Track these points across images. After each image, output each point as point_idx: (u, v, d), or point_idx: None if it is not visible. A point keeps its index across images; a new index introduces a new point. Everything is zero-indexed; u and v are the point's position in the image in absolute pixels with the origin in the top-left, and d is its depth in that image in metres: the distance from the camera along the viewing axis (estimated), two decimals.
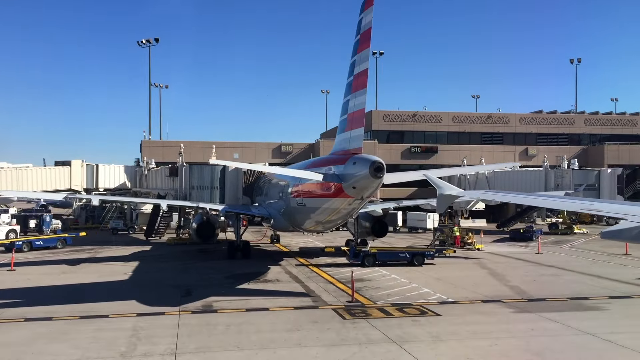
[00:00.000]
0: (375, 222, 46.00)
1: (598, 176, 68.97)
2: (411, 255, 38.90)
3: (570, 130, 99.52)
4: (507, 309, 24.82)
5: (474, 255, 45.46)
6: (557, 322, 22.20)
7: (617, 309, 24.97)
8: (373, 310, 24.29)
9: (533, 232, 60.05)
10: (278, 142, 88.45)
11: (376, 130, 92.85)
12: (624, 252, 47.76)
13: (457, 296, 27.68)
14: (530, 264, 40.88)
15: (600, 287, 30.48)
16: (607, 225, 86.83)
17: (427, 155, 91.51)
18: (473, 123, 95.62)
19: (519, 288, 30.32)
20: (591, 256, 45.67)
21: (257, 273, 35.25)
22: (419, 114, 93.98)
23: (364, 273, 35.44)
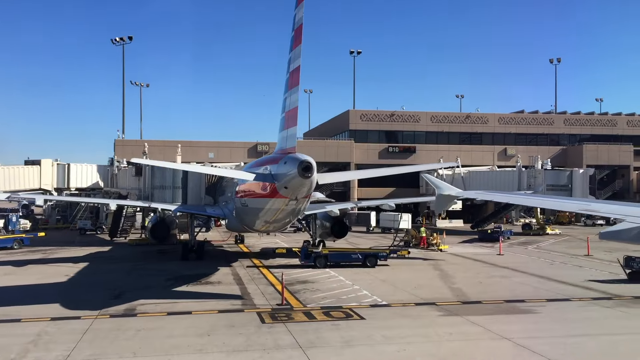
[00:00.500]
0: (334, 223, 45.52)
1: (570, 176, 68.64)
2: (364, 256, 38.35)
3: (550, 130, 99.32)
4: (435, 312, 24.30)
5: (433, 257, 44.99)
6: (480, 326, 21.69)
7: (549, 312, 24.47)
8: (298, 314, 23.72)
9: (501, 233, 59.59)
10: (254, 141, 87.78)
11: (354, 130, 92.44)
12: (585, 253, 47.50)
13: (392, 299, 27.13)
14: (485, 265, 40.43)
15: (544, 289, 30.02)
16: (586, 226, 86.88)
17: (405, 155, 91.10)
18: (452, 123, 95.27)
19: (460, 290, 29.83)
20: (552, 257, 45.30)
21: (203, 275, 34.62)
22: (397, 113, 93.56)
23: (312, 274, 34.92)
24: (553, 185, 68.98)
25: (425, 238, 51.94)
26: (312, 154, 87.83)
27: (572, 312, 24.71)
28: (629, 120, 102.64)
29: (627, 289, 30.42)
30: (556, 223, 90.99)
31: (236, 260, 42.20)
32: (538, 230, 69.80)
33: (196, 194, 54.55)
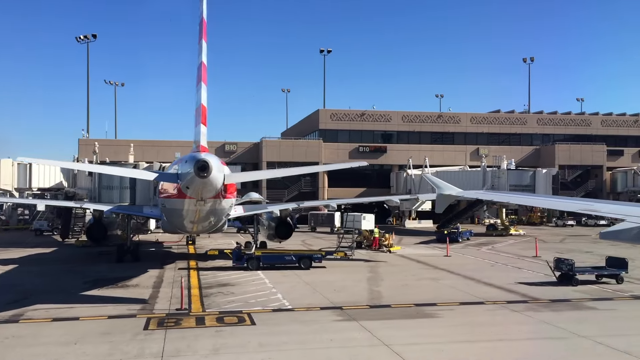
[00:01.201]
0: (279, 224, 44.69)
1: (533, 176, 67.91)
2: (297, 258, 37.55)
3: (523, 130, 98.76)
4: (334, 317, 23.48)
5: (378, 258, 44.21)
6: (368, 332, 20.90)
7: (452, 316, 23.70)
8: (190, 320, 22.86)
9: (459, 234, 58.94)
10: (221, 140, 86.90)
11: (324, 129, 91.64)
12: (534, 254, 46.87)
13: (301, 303, 26.31)
14: (425, 267, 39.64)
15: (465, 292, 29.26)
16: (557, 226, 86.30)
17: (376, 154, 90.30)
18: (423, 122, 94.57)
19: (379, 293, 29.07)
20: (499, 259, 44.55)
21: (126, 277, 33.72)
22: (368, 112, 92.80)
23: (239, 277, 34.12)
24: (516, 186, 68.27)
25: (378, 239, 51.19)
26: (281, 154, 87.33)
27: (476, 316, 23.93)
28: (603, 120, 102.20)
29: (549, 291, 29.67)
30: (528, 224, 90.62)
31: (173, 262, 41.31)
32: (502, 231, 69.11)
33: (145, 194, 53.58)
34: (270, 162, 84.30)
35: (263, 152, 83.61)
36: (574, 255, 46.58)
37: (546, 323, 22.51)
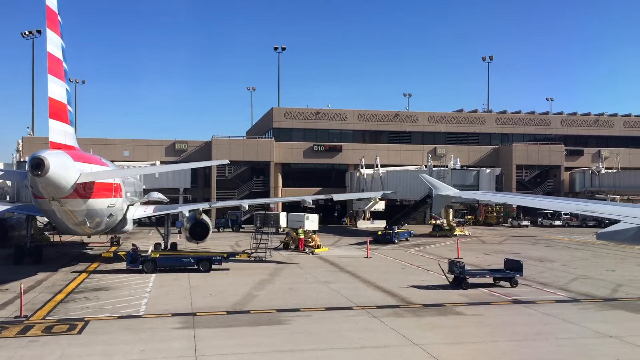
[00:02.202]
0: (193, 224, 43.32)
1: (477, 176, 66.81)
2: (196, 260, 36.18)
3: (481, 129, 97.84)
4: (175, 324, 22.14)
5: (294, 260, 43.00)
6: (192, 341, 19.60)
7: (302, 323, 22.46)
8: (13, 329, 21.38)
9: (394, 235, 57.78)
10: (172, 139, 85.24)
11: (277, 128, 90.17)
12: (461, 255, 45.86)
13: (160, 308, 24.99)
14: (333, 269, 38.37)
15: (343, 297, 28.04)
16: (512, 227, 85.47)
17: (331, 154, 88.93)
18: (380, 121, 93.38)
19: (254, 298, 27.80)
20: (418, 260, 43.38)
21: (4, 281, 32.12)
22: (323, 111, 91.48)
23: (125, 280, 32.70)
24: (460, 185, 66.97)
25: (303, 240, 49.93)
26: (232, 153, 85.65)
27: (327, 323, 22.59)
28: (563, 120, 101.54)
29: (431, 295, 28.50)
30: (485, 224, 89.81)
31: (77, 264, 39.76)
32: (446, 231, 68.07)
33: None
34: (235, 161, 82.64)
35: (213, 151, 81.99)
36: (500, 257, 45.66)
37: (393, 330, 21.32)
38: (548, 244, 58.26)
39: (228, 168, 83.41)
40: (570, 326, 22.29)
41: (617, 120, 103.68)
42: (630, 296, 28.66)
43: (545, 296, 28.64)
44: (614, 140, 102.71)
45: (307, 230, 68.05)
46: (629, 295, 28.81)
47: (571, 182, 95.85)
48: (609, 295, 29.01)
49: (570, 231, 77.61)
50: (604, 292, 29.92)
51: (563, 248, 53.91)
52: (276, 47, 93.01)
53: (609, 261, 43.48)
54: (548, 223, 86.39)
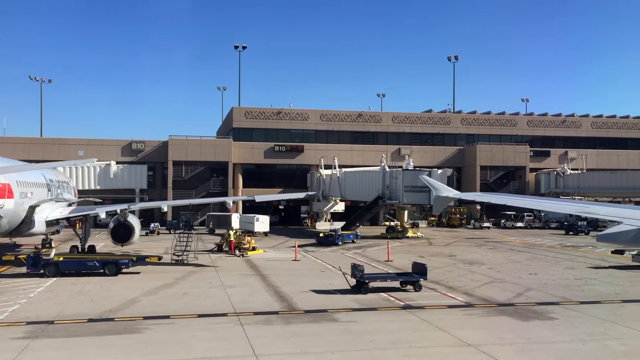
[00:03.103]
0: (115, 226, 42.01)
1: (429, 177, 65.55)
2: (102, 263, 34.90)
3: (447, 130, 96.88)
4: (16, 334, 20.85)
5: (216, 263, 41.77)
6: (12, 353, 18.36)
7: (153, 333, 21.25)
8: None
9: (337, 237, 56.63)
10: (128, 139, 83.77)
11: (238, 128, 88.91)
12: (393, 258, 44.84)
13: (22, 316, 23.76)
14: (251, 273, 37.18)
15: (231, 303, 26.87)
16: (474, 228, 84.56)
17: (292, 154, 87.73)
18: (342, 121, 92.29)
19: (136, 303, 26.57)
20: (345, 263, 41.87)
21: None
22: (284, 111, 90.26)
23: (18, 285, 31.43)
24: (412, 187, 65.95)
25: (234, 242, 48.70)
26: (188, 153, 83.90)
27: (184, 331, 21.36)
28: (529, 121, 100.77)
29: (323, 300, 27.38)
30: (448, 225, 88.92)
31: None
32: (397, 233, 67.03)
33: None
34: (176, 161, 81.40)
35: (169, 151, 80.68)
36: (434, 260, 44.80)
37: (246, 339, 20.21)
38: (494, 246, 57.32)
39: (185, 169, 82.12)
40: (437, 334, 21.22)
41: (584, 121, 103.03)
42: (529, 301, 27.63)
43: (441, 301, 27.57)
44: (581, 141, 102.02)
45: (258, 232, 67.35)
46: (529, 300, 27.78)
47: (537, 184, 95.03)
48: (508, 300, 27.98)
49: (528, 233, 76.89)
50: (507, 296, 28.89)
51: (506, 250, 52.97)
52: (237, 46, 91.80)
53: (540, 264, 42.52)
54: (510, 225, 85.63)
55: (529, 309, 25.86)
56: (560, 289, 31.18)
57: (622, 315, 24.58)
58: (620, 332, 21.67)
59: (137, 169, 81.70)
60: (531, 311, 25.30)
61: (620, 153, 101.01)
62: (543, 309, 25.82)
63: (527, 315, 24.39)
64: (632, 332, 21.73)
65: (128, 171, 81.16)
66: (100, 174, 79.95)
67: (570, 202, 19.39)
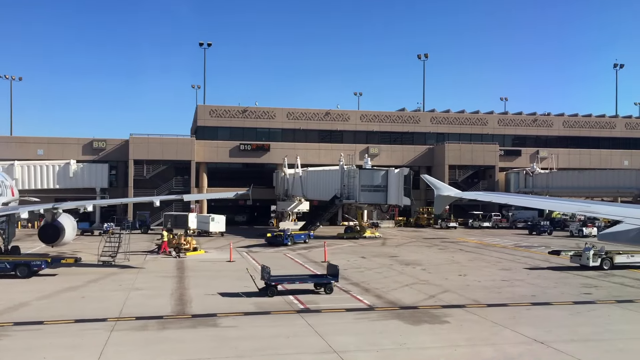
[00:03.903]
0: (44, 227, 40.82)
1: (386, 176, 64.66)
2: (13, 265, 33.73)
3: (416, 129, 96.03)
4: None
5: (144, 264, 40.72)
6: None
7: (11, 339, 20.15)
8: None
9: (286, 237, 55.58)
10: (89, 137, 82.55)
11: (202, 126, 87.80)
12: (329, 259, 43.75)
13: None
14: (173, 274, 36.16)
15: (127, 306, 25.78)
16: (441, 228, 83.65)
17: (258, 153, 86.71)
18: (310, 120, 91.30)
19: (24, 307, 25.47)
20: (279, 265, 41.09)
21: None
22: (250, 109, 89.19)
23: None
24: (368, 186, 65.00)
25: (166, 243, 47.39)
26: (149, 152, 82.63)
27: (47, 338, 20.35)
28: (500, 120, 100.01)
29: (223, 304, 26.31)
30: (416, 225, 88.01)
31: None
32: (354, 233, 66.05)
33: None
34: (138, 160, 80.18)
35: (130, 150, 79.45)
36: (375, 260, 43.96)
37: (95, 347, 19.08)
38: (447, 246, 56.44)
39: (147, 167, 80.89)
40: (311, 340, 20.23)
41: (556, 120, 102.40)
42: (437, 304, 26.69)
43: (344, 304, 26.57)
44: (553, 140, 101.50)
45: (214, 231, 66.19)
46: (437, 303, 26.83)
47: (506, 183, 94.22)
48: (415, 302, 27.00)
49: (492, 233, 76.16)
50: (417, 299, 27.94)
51: (455, 250, 52.06)
52: (201, 43, 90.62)
53: (479, 265, 41.62)
54: (477, 224, 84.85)
55: (429, 312, 24.91)
56: (477, 291, 30.27)
57: (520, 319, 23.67)
58: (503, 337, 20.75)
59: (98, 167, 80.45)
60: (429, 314, 24.36)
61: (592, 152, 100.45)
62: (443, 312, 24.88)
63: (421, 319, 23.44)
64: (516, 336, 20.81)
65: (88, 170, 79.92)
66: (59, 173, 78.65)
67: (573, 202, 19.10)
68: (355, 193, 64.70)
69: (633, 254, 39.74)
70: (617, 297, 29.07)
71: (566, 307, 26.50)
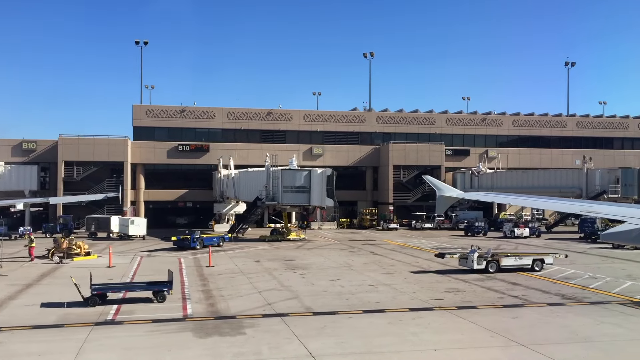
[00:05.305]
0: None
1: (308, 177, 63.04)
2: None
3: (362, 128, 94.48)
4: None
5: (10, 272, 38.67)
6: None
7: None
8: None
9: (194, 240, 53.67)
10: (19, 138, 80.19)
11: (139, 126, 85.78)
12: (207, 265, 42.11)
13: None
14: (27, 282, 34.18)
15: None
16: (382, 230, 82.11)
17: (197, 154, 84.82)
18: (251, 120, 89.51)
19: None
20: (168, 267, 39.34)
21: None
22: (189, 109, 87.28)
23: None
24: (291, 187, 63.36)
25: (33, 249, 45.04)
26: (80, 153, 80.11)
27: None
28: (448, 119, 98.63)
29: (29, 316, 24.51)
30: (359, 227, 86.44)
31: None
32: (278, 236, 64.32)
33: None
34: (68, 161, 77.96)
35: (59, 151, 77.27)
36: (265, 264, 42.31)
37: None
38: (361, 248, 54.93)
39: (77, 169, 78.63)
40: (60, 357, 18.45)
41: (505, 119, 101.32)
42: (266, 312, 25.05)
43: (159, 314, 24.82)
44: (502, 139, 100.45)
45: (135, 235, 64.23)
46: (267, 312, 25.19)
47: (453, 183, 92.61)
48: (240, 311, 25.29)
49: (428, 234, 74.84)
50: (250, 306, 26.29)
51: (365, 253, 50.41)
52: (137, 42, 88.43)
53: (367, 268, 40.10)
54: (420, 226, 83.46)
55: (242, 322, 23.23)
56: (325, 298, 28.68)
57: (328, 329, 22.06)
58: (284, 351, 19.13)
59: (27, 169, 78.19)
60: (235, 325, 22.69)
61: (543, 152, 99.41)
62: (255, 322, 23.24)
63: (218, 331, 21.78)
64: (298, 349, 19.19)
65: (16, 172, 77.67)
66: None
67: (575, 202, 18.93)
68: (278, 194, 63.07)
69: (521, 257, 38.36)
70: (468, 302, 27.58)
71: (397, 314, 24.90)
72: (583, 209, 16.79)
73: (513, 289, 31.37)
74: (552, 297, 29.27)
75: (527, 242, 62.89)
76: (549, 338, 20.87)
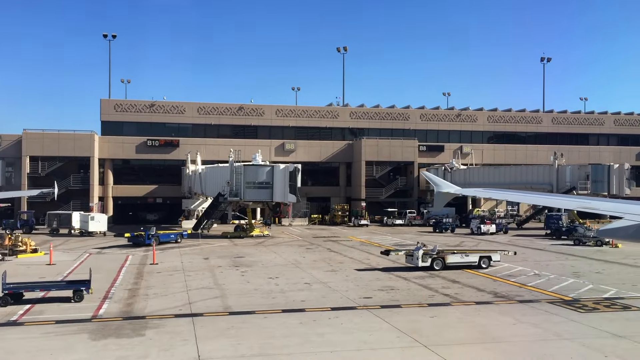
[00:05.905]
0: None
1: (271, 173, 62.19)
2: None
3: (335, 124, 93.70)
4: None
5: None
6: None
7: None
8: None
9: (149, 237, 52.69)
10: None
11: (107, 121, 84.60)
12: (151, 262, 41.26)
13: None
14: None
15: None
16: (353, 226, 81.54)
17: (167, 149, 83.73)
18: (222, 115, 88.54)
19: None
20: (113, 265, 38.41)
21: None
22: (158, 103, 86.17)
23: None
24: (252, 183, 62.52)
25: None
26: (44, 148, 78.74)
27: None
28: (422, 115, 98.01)
29: None
30: (332, 223, 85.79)
31: None
32: (241, 232, 63.49)
33: None
34: (33, 156, 76.69)
35: (23, 146, 75.98)
36: (214, 260, 41.55)
37: None
38: (320, 244, 54.34)
39: (42, 164, 77.35)
40: None
41: (480, 115, 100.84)
42: (181, 312, 24.32)
43: (67, 314, 24.00)
44: (477, 135, 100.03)
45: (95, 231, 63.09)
46: (183, 312, 24.45)
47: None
48: (156, 311, 24.56)
49: (398, 230, 74.32)
50: (168, 306, 25.56)
51: (323, 250, 49.72)
52: (105, 35, 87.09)
53: (316, 265, 39.41)
54: (391, 222, 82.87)
55: (149, 323, 22.49)
56: (251, 296, 28.01)
57: (234, 330, 21.33)
58: (171, 355, 18.37)
59: None
60: (139, 326, 21.93)
61: (518, 148, 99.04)
62: (162, 323, 22.52)
63: (121, 333, 21.01)
64: (187, 353, 18.46)
65: None
66: None
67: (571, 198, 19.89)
68: (241, 190, 62.21)
69: (468, 254, 37.84)
70: (395, 301, 26.97)
71: (314, 314, 24.21)
72: (580, 204, 16.40)
73: (449, 287, 30.79)
74: (485, 295, 28.73)
75: (492, 238, 62.48)
76: (455, 339, 20.27)
